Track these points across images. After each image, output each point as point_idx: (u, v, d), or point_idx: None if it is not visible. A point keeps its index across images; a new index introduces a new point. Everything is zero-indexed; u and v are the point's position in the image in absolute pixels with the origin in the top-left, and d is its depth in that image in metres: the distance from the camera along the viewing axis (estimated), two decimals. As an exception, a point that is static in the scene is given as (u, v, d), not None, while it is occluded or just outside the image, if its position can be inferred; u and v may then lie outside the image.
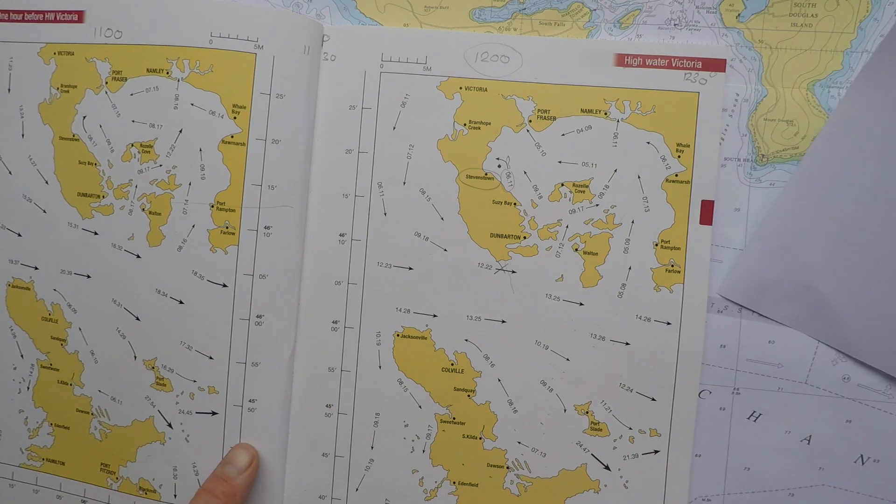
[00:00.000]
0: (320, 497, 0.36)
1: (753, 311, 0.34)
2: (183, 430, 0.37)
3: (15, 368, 0.39)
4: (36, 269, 0.38)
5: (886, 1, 0.34)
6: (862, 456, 0.34)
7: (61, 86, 0.38)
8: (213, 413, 0.36)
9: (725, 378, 0.34)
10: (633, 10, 0.35)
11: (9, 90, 0.38)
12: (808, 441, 0.34)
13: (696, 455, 0.35)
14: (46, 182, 0.38)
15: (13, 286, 0.39)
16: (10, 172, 0.38)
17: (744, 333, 0.34)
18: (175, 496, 0.37)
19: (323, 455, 0.36)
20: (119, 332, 0.37)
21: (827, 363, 0.34)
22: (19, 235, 0.39)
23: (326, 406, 0.36)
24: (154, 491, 0.37)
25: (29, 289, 0.38)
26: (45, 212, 0.38)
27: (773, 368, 0.34)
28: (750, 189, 0.34)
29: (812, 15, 0.34)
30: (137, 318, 0.37)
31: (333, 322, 0.36)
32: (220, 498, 0.33)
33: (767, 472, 0.35)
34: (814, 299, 0.33)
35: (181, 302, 0.36)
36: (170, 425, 0.37)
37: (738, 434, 0.35)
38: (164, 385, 0.37)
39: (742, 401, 0.35)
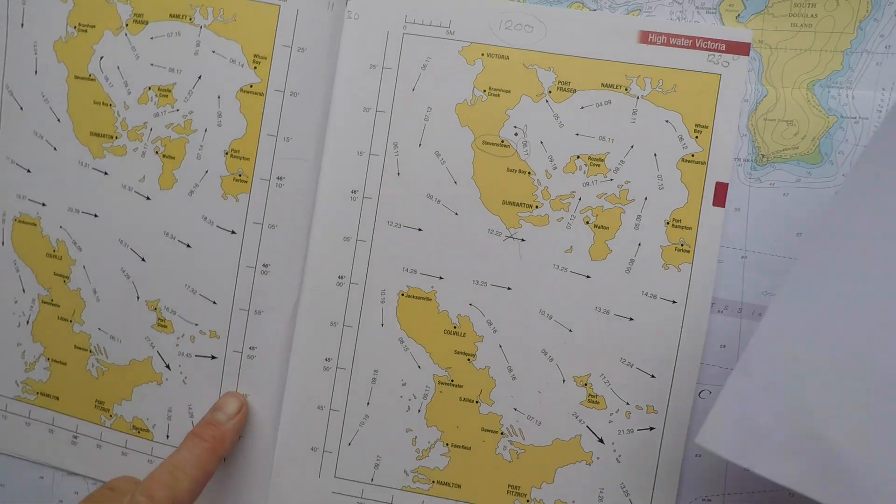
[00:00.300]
0: (312, 449, 0.37)
1: (746, 469, 0.27)
2: (181, 372, 0.37)
3: (16, 302, 0.39)
4: (43, 205, 0.39)
5: (886, 1, 0.34)
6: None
7: (78, 24, 0.38)
8: (213, 357, 0.37)
9: (725, 378, 0.35)
10: (632, 10, 0.35)
11: (22, 25, 0.38)
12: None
13: (696, 455, 0.35)
14: (58, 120, 0.38)
15: (19, 221, 0.39)
16: (21, 108, 0.39)
17: (744, 333, 0.35)
18: (167, 437, 0.38)
19: (318, 408, 0.37)
20: (123, 272, 0.38)
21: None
22: (28, 171, 0.39)
23: (325, 360, 0.36)
24: (147, 430, 0.38)
25: (35, 224, 0.39)
26: (55, 149, 0.38)
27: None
28: (750, 189, 0.34)
29: (812, 15, 0.34)
30: (143, 259, 0.38)
31: (339, 277, 0.36)
32: (209, 441, 0.33)
33: None
34: (822, 453, 0.26)
35: (189, 246, 0.37)
36: (168, 367, 0.37)
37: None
38: (166, 327, 0.37)
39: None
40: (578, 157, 0.35)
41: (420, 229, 0.36)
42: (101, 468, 0.39)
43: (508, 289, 0.36)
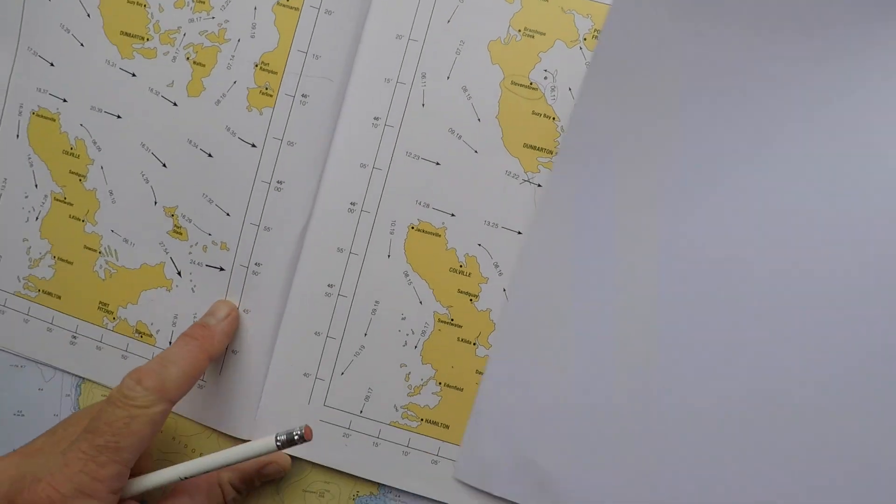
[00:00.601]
0: (305, 374, 0.37)
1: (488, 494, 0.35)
2: (191, 280, 0.38)
3: (26, 197, 0.40)
4: (64, 101, 0.39)
5: None
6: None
7: (113, -81, 0.38)
8: (221, 269, 0.38)
9: None
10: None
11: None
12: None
13: None
14: (88, 15, 0.39)
15: (37, 115, 0.40)
16: None
17: None
18: (170, 342, 0.39)
19: (315, 333, 0.37)
20: (143, 175, 0.39)
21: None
22: (52, 65, 0.39)
23: (328, 286, 0.37)
24: (150, 335, 0.39)
25: (54, 120, 0.40)
26: (82, 45, 0.39)
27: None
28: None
29: None
30: (164, 165, 0.38)
31: (351, 203, 0.37)
32: (199, 339, 0.35)
33: None
34: (536, 474, 0.35)
35: (210, 155, 0.38)
36: (179, 274, 0.38)
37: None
38: (181, 234, 0.38)
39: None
40: (604, 108, 0.36)
41: (438, 163, 0.37)
42: (100, 370, 0.40)
43: (518, 233, 0.36)
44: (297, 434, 0.32)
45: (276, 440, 0.32)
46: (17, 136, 0.40)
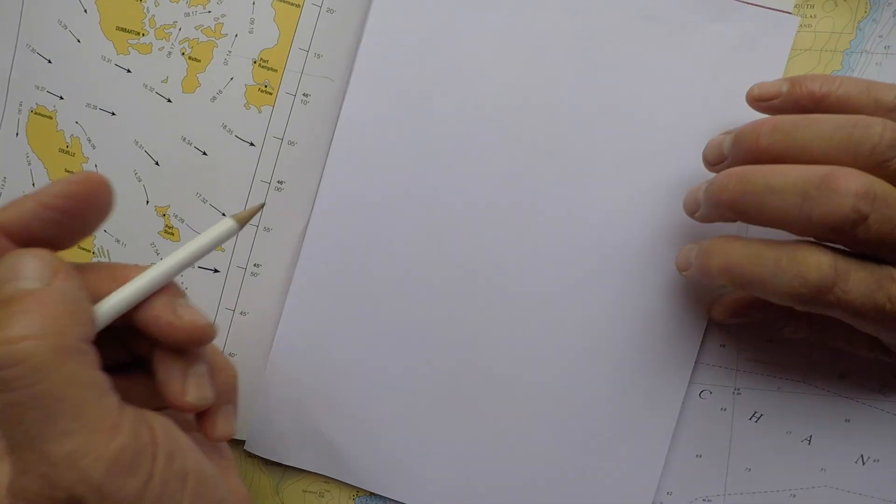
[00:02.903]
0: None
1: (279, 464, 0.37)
2: (182, 283, 0.38)
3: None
4: (61, 98, 0.39)
5: (885, 2, 0.34)
6: (862, 456, 0.35)
7: (105, -88, 0.38)
8: (216, 271, 0.38)
9: (725, 378, 0.35)
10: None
11: None
12: (809, 441, 0.35)
13: (697, 455, 0.36)
14: (85, 11, 0.38)
15: (36, 112, 0.40)
16: None
17: (744, 333, 0.35)
18: (161, 346, 0.38)
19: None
20: (136, 174, 0.38)
21: (826, 362, 0.35)
22: (49, 62, 0.39)
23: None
24: (142, 339, 0.39)
25: (51, 118, 0.39)
26: (79, 41, 0.39)
27: (773, 368, 0.35)
28: (751, 190, 0.35)
29: (811, 16, 0.34)
30: (157, 164, 0.38)
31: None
32: None
33: (769, 472, 0.36)
34: (322, 441, 0.37)
35: (205, 153, 0.37)
36: (171, 275, 0.38)
37: (739, 434, 0.35)
38: (173, 234, 0.38)
39: (743, 401, 0.35)
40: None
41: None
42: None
43: None
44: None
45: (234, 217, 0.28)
46: (17, 134, 0.40)
